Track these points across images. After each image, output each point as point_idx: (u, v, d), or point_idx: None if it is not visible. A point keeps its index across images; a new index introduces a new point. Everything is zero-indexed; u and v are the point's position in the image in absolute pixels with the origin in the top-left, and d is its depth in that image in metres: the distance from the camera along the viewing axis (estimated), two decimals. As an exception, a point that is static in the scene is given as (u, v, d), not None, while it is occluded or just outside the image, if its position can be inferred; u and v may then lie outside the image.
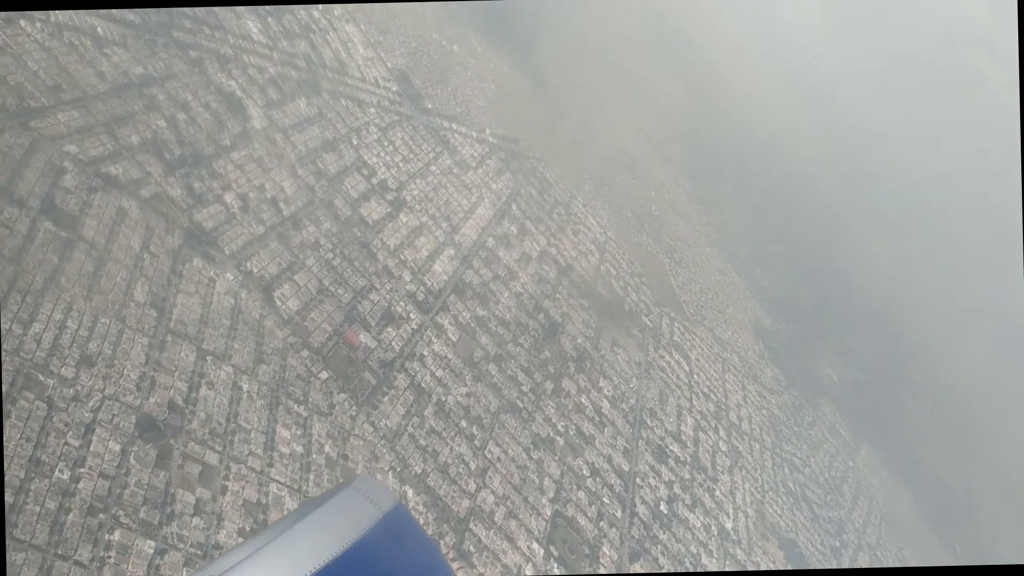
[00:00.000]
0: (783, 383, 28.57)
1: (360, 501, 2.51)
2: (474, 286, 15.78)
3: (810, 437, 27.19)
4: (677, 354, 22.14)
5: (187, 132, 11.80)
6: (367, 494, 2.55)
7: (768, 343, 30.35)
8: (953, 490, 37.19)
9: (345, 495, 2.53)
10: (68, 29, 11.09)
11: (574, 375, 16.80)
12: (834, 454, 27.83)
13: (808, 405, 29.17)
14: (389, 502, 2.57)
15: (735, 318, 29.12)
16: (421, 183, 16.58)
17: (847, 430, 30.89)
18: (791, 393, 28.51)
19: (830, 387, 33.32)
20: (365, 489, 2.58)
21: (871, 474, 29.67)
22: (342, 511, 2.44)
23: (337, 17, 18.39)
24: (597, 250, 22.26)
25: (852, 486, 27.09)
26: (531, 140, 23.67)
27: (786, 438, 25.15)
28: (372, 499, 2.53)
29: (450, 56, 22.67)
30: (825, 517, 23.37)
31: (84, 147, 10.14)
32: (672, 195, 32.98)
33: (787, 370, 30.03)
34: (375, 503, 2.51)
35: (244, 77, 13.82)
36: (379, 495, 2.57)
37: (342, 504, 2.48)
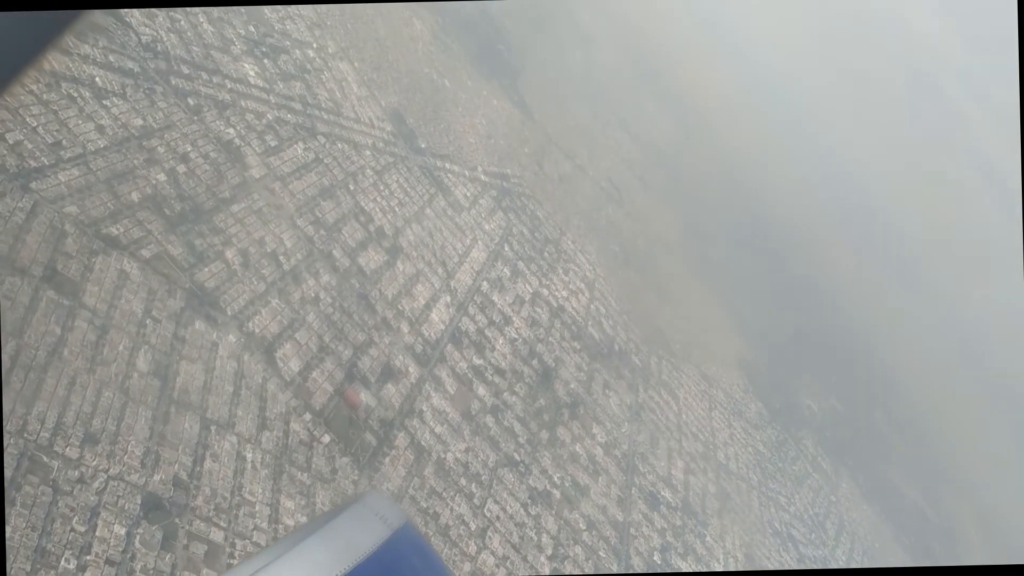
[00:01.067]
0: (766, 417, 28.64)
1: (370, 517, 2.46)
2: (470, 334, 15.62)
3: (794, 473, 27.26)
4: (666, 393, 22.11)
5: (187, 185, 11.57)
6: (377, 510, 2.51)
7: (751, 376, 30.42)
8: (929, 518, 37.49)
9: (354, 511, 2.50)
10: (66, 80, 10.83)
11: (568, 422, 16.67)
12: (817, 489, 27.91)
13: (791, 439, 29.26)
14: (399, 519, 2.53)
15: (720, 352, 29.18)
16: (417, 227, 16.42)
17: (828, 463, 31.01)
18: (774, 428, 28.58)
19: (811, 419, 33.46)
20: (375, 505, 2.54)
21: (852, 508, 29.76)
22: (351, 527, 2.39)
23: (331, 55, 18.22)
24: (587, 288, 22.19)
25: (835, 522, 27.16)
26: (521, 176, 23.60)
27: (771, 475, 25.17)
28: (382, 515, 2.48)
29: (441, 91, 22.55)
30: (810, 556, 23.40)
31: (85, 207, 9.88)
32: (656, 226, 33.05)
33: (770, 403, 30.12)
34: (385, 520, 2.46)
35: (242, 123, 13.60)
36: (389, 511, 2.53)
37: (351, 520, 2.44)
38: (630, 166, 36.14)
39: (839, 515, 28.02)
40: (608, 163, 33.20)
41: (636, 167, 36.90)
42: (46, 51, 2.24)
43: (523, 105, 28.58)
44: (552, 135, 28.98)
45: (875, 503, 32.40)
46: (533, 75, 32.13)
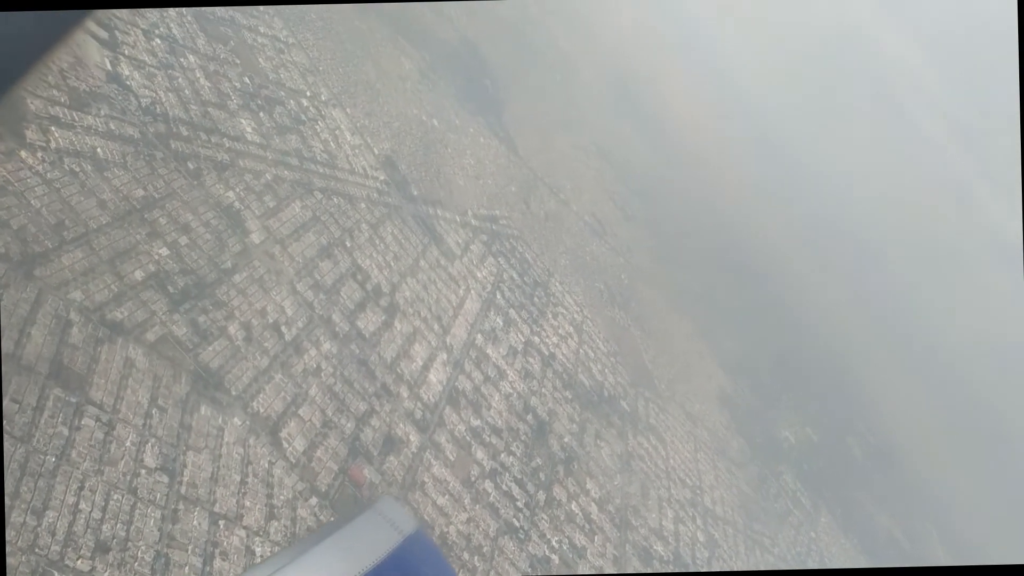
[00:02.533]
0: (748, 455, 28.75)
1: (381, 523, 2.46)
2: (467, 393, 15.47)
3: (776, 511, 27.38)
4: (654, 438, 22.09)
5: (189, 258, 11.33)
6: (389, 517, 2.51)
7: (733, 411, 30.56)
8: (902, 546, 37.88)
9: (367, 517, 2.51)
10: (68, 155, 10.56)
11: (563, 480, 16.57)
12: (798, 526, 28.04)
13: (771, 475, 29.42)
14: (410, 525, 2.53)
15: (702, 388, 29.27)
16: (412, 282, 16.26)
17: (807, 498, 31.20)
18: (756, 464, 28.70)
19: (789, 451, 33.67)
20: (387, 512, 2.54)
21: (832, 543, 29.95)
22: (363, 533, 2.39)
23: (324, 103, 18.03)
24: (575, 332, 22.13)
25: (816, 560, 27.29)
26: (509, 216, 23.52)
27: (755, 516, 25.24)
28: (393, 521, 2.49)
29: (431, 132, 22.41)
30: (795, 600, 23.45)
31: (89, 292, 9.62)
32: (638, 259, 33.11)
33: (750, 438, 30.27)
34: (396, 526, 2.47)
35: (241, 185, 13.37)
36: (400, 518, 2.56)
37: (363, 526, 2.44)
38: (611, 196, 36.24)
39: (819, 552, 28.16)
40: (590, 196, 33.23)
41: (616, 196, 37.03)
42: (53, 52, 2.11)
43: (509, 140, 28.52)
44: (537, 170, 28.94)
45: (852, 535, 32.63)
46: (517, 106, 32.12)
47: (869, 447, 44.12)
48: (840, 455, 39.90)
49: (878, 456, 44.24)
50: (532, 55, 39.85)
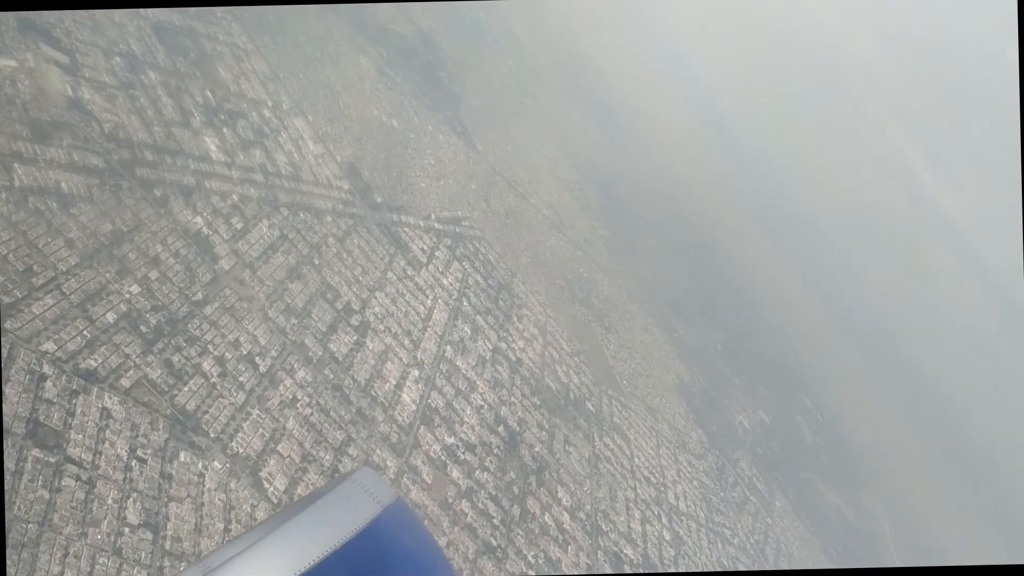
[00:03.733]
0: (706, 445, 29.21)
1: (360, 494, 2.47)
2: (440, 410, 15.41)
3: (734, 500, 27.91)
4: (619, 438, 22.29)
5: (160, 293, 11.04)
6: (367, 487, 2.51)
7: (690, 401, 30.98)
8: (850, 521, 38.99)
9: (345, 488, 2.50)
10: (33, 192, 10.19)
11: (536, 491, 16.65)
12: (755, 514, 28.63)
13: (729, 464, 29.95)
14: (389, 495, 2.54)
15: (661, 380, 29.59)
16: (381, 296, 16.10)
17: (762, 482, 31.86)
18: (714, 454, 29.18)
19: (743, 436, 34.30)
20: (365, 482, 2.54)
21: (787, 527, 30.65)
22: (342, 504, 2.41)
23: (286, 112, 17.65)
24: (540, 334, 22.16)
25: (773, 546, 27.94)
26: (471, 216, 23.38)
27: (716, 508, 25.70)
28: (372, 492, 2.49)
29: (391, 133, 22.12)
30: (756, 590, 24.02)
31: (61, 340, 9.32)
32: (595, 250, 33.24)
33: (708, 427, 30.74)
34: (375, 496, 2.47)
35: (208, 208, 13.06)
36: (379, 488, 2.54)
37: (342, 497, 2.45)
38: (566, 186, 36.24)
39: (776, 537, 28.81)
40: (547, 187, 33.19)
41: (571, 186, 37.05)
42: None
43: (466, 135, 28.29)
44: (495, 164, 28.78)
45: (804, 516, 33.44)
46: (473, 98, 31.88)
47: (816, 423, 45.25)
48: (791, 435, 40.83)
49: (826, 432, 45.42)
50: (486, 43, 39.54)
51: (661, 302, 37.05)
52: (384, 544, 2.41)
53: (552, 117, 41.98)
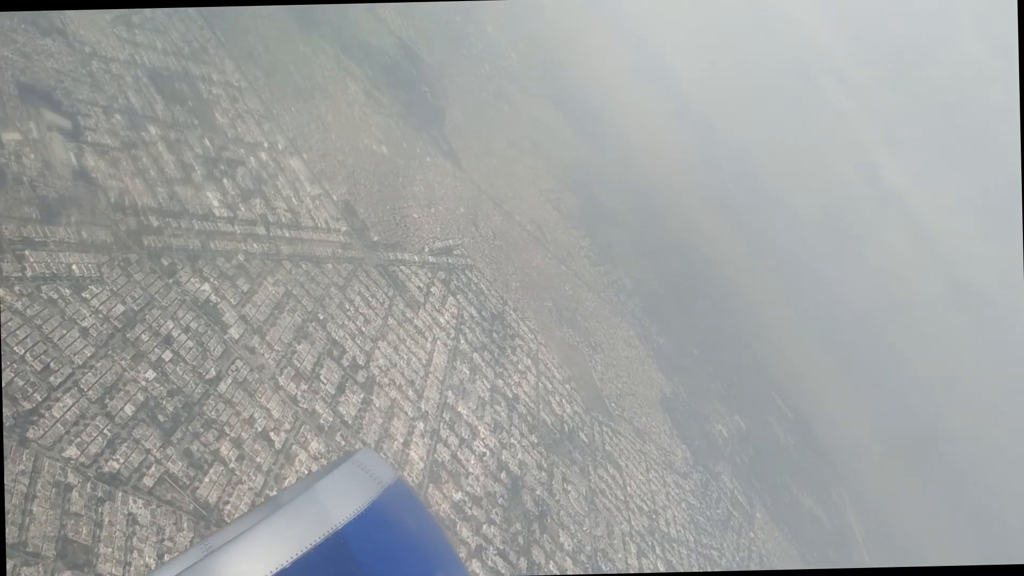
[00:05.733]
0: (691, 462, 29.43)
1: (360, 475, 2.46)
2: (446, 464, 15.29)
3: (719, 517, 28.19)
4: (611, 467, 22.35)
5: (175, 376, 10.76)
6: (368, 467, 2.51)
7: (673, 415, 31.18)
8: (823, 524, 39.71)
9: (345, 469, 2.48)
10: (45, 280, 9.84)
11: (540, 539, 16.61)
12: (738, 529, 28.96)
13: (712, 479, 30.25)
14: (390, 475, 2.54)
15: (646, 397, 29.71)
16: (384, 346, 15.89)
17: (743, 494, 32.24)
18: (698, 471, 29.43)
19: (723, 446, 34.68)
20: (366, 463, 2.54)
21: (768, 539, 31.06)
22: (343, 485, 2.40)
23: (282, 152, 17.30)
24: (533, 364, 22.09)
25: (757, 562, 28.29)
26: (461, 243, 23.18)
27: (703, 529, 25.92)
28: (373, 472, 2.49)
29: (382, 163, 21.81)
30: (744, 612, 24.34)
31: (83, 443, 9.04)
32: (577, 263, 33.21)
33: (691, 442, 30.99)
34: (376, 477, 2.47)
35: (215, 273, 12.75)
36: (380, 468, 2.54)
37: (343, 478, 2.43)
38: (547, 197, 36.12)
39: (759, 551, 29.19)
40: (529, 201, 33.04)
41: (551, 196, 36.95)
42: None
43: (452, 153, 28.03)
44: (480, 183, 28.55)
45: (783, 524, 33.95)
46: (455, 111, 31.58)
47: (787, 421, 45.90)
48: (765, 437, 41.35)
49: (795, 428, 46.09)
50: (462, 47, 39.18)
51: (640, 311, 37.17)
52: (386, 523, 2.41)
53: (529, 121, 41.81)
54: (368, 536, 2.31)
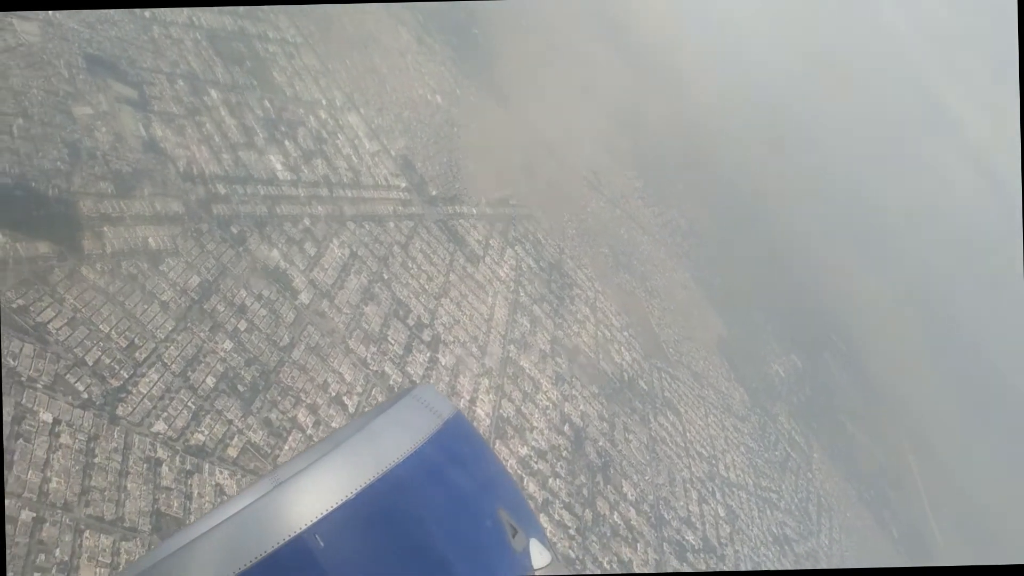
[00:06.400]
0: (748, 404, 29.37)
1: (420, 409, 2.53)
2: (511, 419, 15.45)
3: (777, 459, 28.19)
4: (671, 414, 22.40)
5: (250, 344, 10.95)
6: (427, 402, 2.56)
7: (730, 357, 31.04)
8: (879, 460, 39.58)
9: (405, 404, 2.55)
10: (124, 256, 10.02)
11: (604, 490, 16.79)
12: (797, 471, 28.97)
13: (770, 421, 30.19)
14: (449, 409, 2.57)
15: (703, 340, 29.58)
16: (447, 303, 15.99)
17: (801, 434, 32.16)
18: (756, 413, 29.37)
19: (780, 387, 34.51)
20: (425, 397, 2.60)
21: (825, 480, 31.05)
22: (403, 419, 2.46)
23: (340, 109, 17.25)
24: (591, 313, 22.07)
25: (815, 503, 28.34)
26: (517, 193, 23.03)
27: (762, 472, 25.98)
28: (431, 407, 2.54)
29: (437, 113, 21.66)
30: (803, 553, 24.41)
31: (169, 417, 9.29)
32: (632, 206, 32.88)
33: (748, 384, 30.86)
34: (435, 411, 2.53)
35: (282, 238, 12.87)
36: (438, 403, 2.59)
37: (403, 412, 2.50)
38: (600, 138, 35.61)
39: (817, 492, 29.22)
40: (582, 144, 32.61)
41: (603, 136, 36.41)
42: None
43: (503, 98, 27.74)
44: (533, 127, 28.24)
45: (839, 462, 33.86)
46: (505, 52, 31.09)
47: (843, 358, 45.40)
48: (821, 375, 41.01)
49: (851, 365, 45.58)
50: None
51: (695, 251, 36.80)
52: (446, 455, 2.43)
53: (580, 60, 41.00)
54: (430, 466, 2.37)
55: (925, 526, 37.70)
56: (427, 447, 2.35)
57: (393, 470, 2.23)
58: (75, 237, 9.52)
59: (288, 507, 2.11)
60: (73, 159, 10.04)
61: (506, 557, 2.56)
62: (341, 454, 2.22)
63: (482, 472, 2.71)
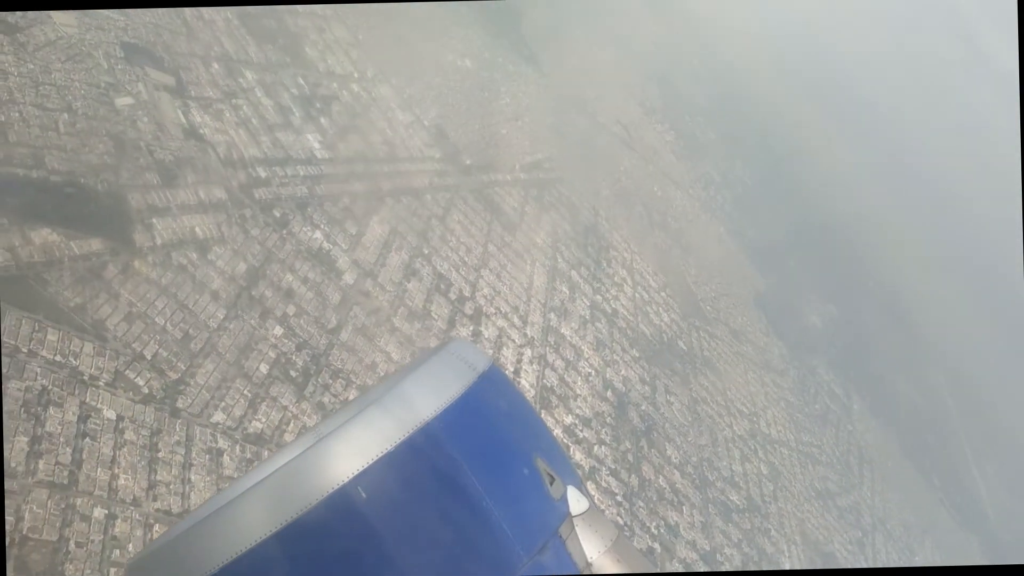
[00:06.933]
0: (787, 358, 29.28)
1: (456, 363, 2.60)
2: (555, 388, 15.54)
3: (816, 412, 28.16)
4: (711, 373, 22.42)
5: (300, 329, 11.08)
6: (462, 356, 2.64)
7: (767, 310, 30.86)
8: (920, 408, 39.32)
9: (440, 358, 2.65)
10: (174, 247, 10.13)
11: (648, 454, 16.91)
12: (836, 423, 28.92)
13: (808, 374, 30.10)
14: (484, 363, 2.67)
15: (740, 296, 29.44)
16: (487, 274, 16.02)
17: (839, 385, 32.04)
18: (794, 367, 29.28)
19: (817, 338, 34.29)
20: (460, 351, 2.68)
21: (865, 431, 30.96)
22: (439, 372, 2.54)
23: (371, 80, 17.17)
24: (628, 275, 22.02)
25: (856, 455, 28.32)
26: (550, 157, 22.88)
27: (803, 426, 25.98)
28: (467, 360, 2.62)
29: (467, 78, 21.48)
30: (846, 507, 24.51)
31: (227, 407, 9.44)
32: (664, 161, 32.55)
33: (786, 337, 30.71)
34: (471, 364, 2.60)
35: (324, 218, 12.93)
36: (474, 356, 2.68)
37: (439, 366, 2.58)
38: (630, 92, 35.19)
39: (857, 444, 29.23)
40: (612, 99, 32.21)
41: (634, 90, 35.97)
42: None
43: (533, 58, 27.44)
44: (563, 86, 27.94)
45: (878, 412, 33.74)
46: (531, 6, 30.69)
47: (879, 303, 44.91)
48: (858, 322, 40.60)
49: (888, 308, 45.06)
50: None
51: (729, 204, 36.43)
52: (483, 408, 2.52)
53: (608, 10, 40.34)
54: (467, 418, 2.41)
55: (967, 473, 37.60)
56: (464, 399, 2.41)
57: (431, 422, 2.29)
58: (126, 231, 9.61)
59: (330, 461, 2.18)
60: (119, 152, 10.11)
61: (544, 504, 2.62)
62: (380, 408, 2.29)
63: (518, 422, 2.76)
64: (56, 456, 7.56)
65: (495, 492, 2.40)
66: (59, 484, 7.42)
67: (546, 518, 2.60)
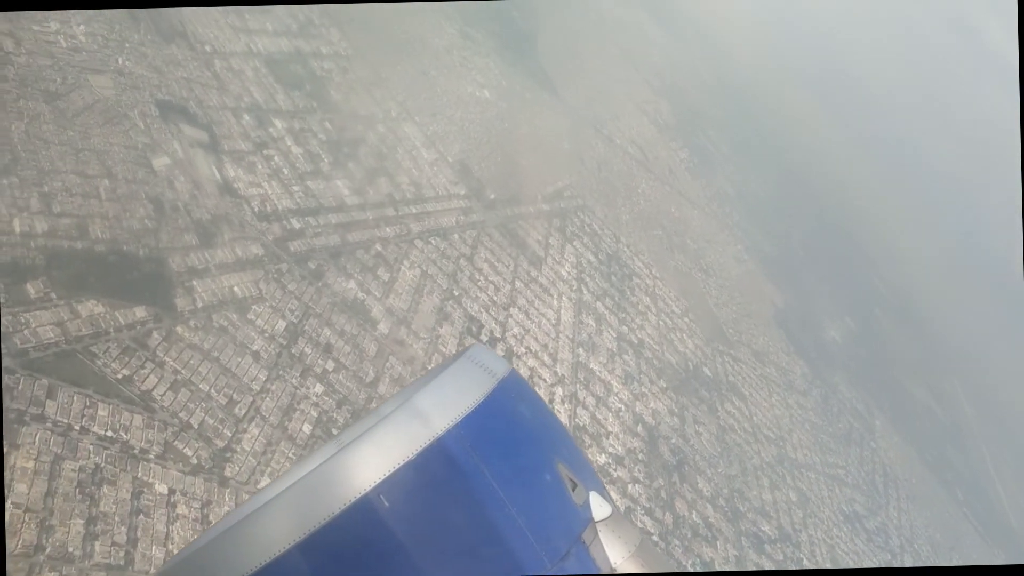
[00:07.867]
0: (809, 377, 29.17)
1: (475, 369, 2.61)
2: (587, 427, 15.48)
3: (840, 432, 28.03)
4: (736, 399, 22.32)
5: (339, 385, 11.06)
6: (481, 362, 2.65)
7: (787, 328, 30.79)
8: (939, 418, 39.13)
9: (460, 365, 2.65)
10: (215, 309, 10.12)
11: (680, 489, 16.83)
12: (860, 442, 28.78)
13: (831, 392, 29.98)
14: (503, 369, 2.66)
15: (760, 315, 29.36)
16: (516, 314, 15.98)
17: (861, 402, 31.91)
18: (816, 386, 29.17)
19: (836, 354, 34.20)
20: (479, 358, 2.69)
21: (889, 447, 30.82)
22: (459, 380, 2.55)
23: (396, 120, 17.17)
24: (652, 302, 21.96)
25: (881, 474, 28.17)
26: (570, 184, 22.88)
27: (828, 448, 25.85)
28: (486, 367, 2.63)
29: (486, 109, 21.50)
30: (874, 529, 24.36)
31: (273, 472, 9.40)
32: (679, 180, 32.52)
33: (807, 355, 30.62)
34: (490, 371, 2.60)
35: (357, 267, 12.91)
36: (493, 362, 2.69)
37: (458, 373, 2.59)
38: (643, 110, 35.22)
39: (881, 462, 29.08)
40: (627, 119, 32.28)
41: (647, 108, 36.00)
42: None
43: (547, 82, 27.46)
44: (578, 109, 28.00)
45: (900, 426, 33.61)
46: (545, 31, 30.80)
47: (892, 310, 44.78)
48: (874, 334, 40.50)
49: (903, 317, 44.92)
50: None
51: (745, 219, 36.40)
52: (502, 415, 2.51)
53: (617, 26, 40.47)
54: (488, 426, 2.40)
55: (989, 484, 37.37)
56: (484, 406, 2.41)
57: (451, 430, 2.30)
58: (168, 296, 9.61)
59: (352, 470, 2.19)
60: (158, 214, 10.12)
61: (567, 510, 2.62)
62: (401, 417, 2.30)
63: (539, 427, 2.78)
64: (112, 536, 7.54)
65: (518, 498, 2.41)
66: (116, 566, 7.39)
67: (569, 524, 2.61)
